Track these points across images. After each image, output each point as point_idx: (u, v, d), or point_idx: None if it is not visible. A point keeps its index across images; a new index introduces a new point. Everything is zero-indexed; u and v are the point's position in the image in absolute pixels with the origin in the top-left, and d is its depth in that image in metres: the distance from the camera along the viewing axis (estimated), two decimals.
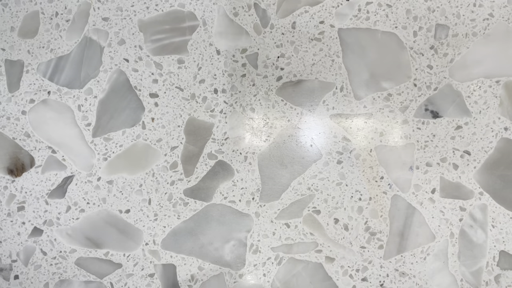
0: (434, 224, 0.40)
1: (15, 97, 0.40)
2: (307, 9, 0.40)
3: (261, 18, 0.40)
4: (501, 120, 0.40)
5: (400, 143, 0.40)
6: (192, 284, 0.40)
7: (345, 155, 0.40)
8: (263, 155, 0.40)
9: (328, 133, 0.40)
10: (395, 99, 0.40)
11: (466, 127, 0.40)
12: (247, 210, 0.40)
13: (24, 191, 0.40)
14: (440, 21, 0.40)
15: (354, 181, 0.40)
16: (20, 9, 0.40)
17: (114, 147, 0.40)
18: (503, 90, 0.40)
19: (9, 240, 0.40)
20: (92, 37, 0.40)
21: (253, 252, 0.40)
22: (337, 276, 0.40)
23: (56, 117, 0.40)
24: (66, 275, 0.40)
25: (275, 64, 0.40)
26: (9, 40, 0.40)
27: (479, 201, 0.40)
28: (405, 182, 0.40)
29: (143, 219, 0.40)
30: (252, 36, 0.40)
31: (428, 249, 0.39)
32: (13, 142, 0.40)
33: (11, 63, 0.40)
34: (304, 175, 0.40)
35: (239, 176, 0.40)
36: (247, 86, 0.40)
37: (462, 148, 0.40)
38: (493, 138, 0.40)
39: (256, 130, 0.40)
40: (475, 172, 0.40)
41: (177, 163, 0.40)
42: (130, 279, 0.40)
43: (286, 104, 0.40)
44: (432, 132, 0.40)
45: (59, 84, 0.40)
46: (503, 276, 0.39)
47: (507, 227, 0.39)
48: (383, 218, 0.40)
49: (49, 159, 0.40)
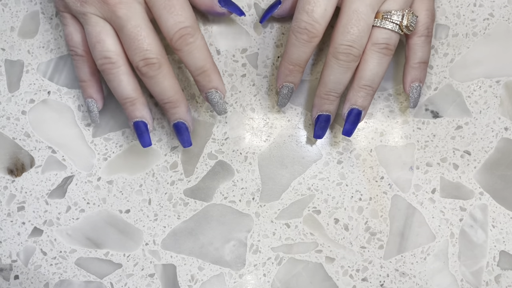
0: (434, 224, 0.40)
1: (15, 97, 0.40)
2: None
3: (261, 18, 0.40)
4: (501, 120, 0.40)
5: (400, 143, 0.40)
6: (192, 284, 0.40)
7: (345, 155, 0.40)
8: (263, 155, 0.40)
9: (328, 133, 0.40)
10: (395, 99, 0.40)
11: (466, 127, 0.40)
12: (247, 210, 0.40)
13: (24, 191, 0.40)
14: (440, 21, 0.40)
15: (354, 181, 0.40)
16: (20, 9, 0.40)
17: (114, 147, 0.40)
18: (503, 90, 0.40)
19: (9, 240, 0.40)
20: None
21: (253, 252, 0.40)
22: (337, 276, 0.40)
23: (56, 117, 0.40)
24: (66, 275, 0.40)
25: (275, 64, 0.40)
26: (9, 40, 0.40)
27: (479, 201, 0.40)
28: (405, 182, 0.40)
29: (143, 219, 0.40)
30: (252, 36, 0.40)
31: (429, 249, 0.39)
32: (13, 142, 0.40)
33: (11, 63, 0.40)
34: (304, 175, 0.40)
35: (239, 176, 0.40)
36: (247, 86, 0.40)
37: (462, 148, 0.40)
38: (494, 138, 0.40)
39: (256, 130, 0.40)
40: (475, 172, 0.40)
41: (177, 163, 0.40)
42: (130, 279, 0.40)
43: None
44: (432, 132, 0.40)
45: (59, 84, 0.40)
46: (503, 276, 0.39)
47: (507, 227, 0.39)
48: (383, 218, 0.40)
49: (49, 159, 0.40)
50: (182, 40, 0.32)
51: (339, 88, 0.35)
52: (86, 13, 0.32)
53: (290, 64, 0.35)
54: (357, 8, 0.32)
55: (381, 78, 0.35)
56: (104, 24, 0.33)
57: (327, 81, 0.35)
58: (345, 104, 0.36)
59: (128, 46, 0.32)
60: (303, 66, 0.35)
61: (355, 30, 0.32)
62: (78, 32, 0.35)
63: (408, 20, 0.33)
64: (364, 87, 0.35)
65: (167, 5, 0.31)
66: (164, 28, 0.32)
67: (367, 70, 0.34)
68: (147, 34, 0.32)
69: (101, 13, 0.32)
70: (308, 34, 0.33)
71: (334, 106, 0.36)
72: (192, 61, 0.33)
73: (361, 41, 0.33)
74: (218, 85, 0.35)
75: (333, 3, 0.33)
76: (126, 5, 0.31)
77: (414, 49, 0.35)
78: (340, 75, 0.34)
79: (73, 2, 0.33)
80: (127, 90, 0.34)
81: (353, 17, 0.32)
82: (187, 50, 0.33)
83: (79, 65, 0.36)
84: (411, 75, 0.36)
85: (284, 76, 0.36)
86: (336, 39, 0.33)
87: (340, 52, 0.33)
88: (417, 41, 0.35)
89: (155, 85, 0.33)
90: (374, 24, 0.33)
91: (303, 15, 0.32)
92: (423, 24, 0.35)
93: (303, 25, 0.33)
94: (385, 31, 0.33)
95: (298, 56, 0.34)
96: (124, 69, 0.33)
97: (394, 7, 0.33)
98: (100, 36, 0.32)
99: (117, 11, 0.31)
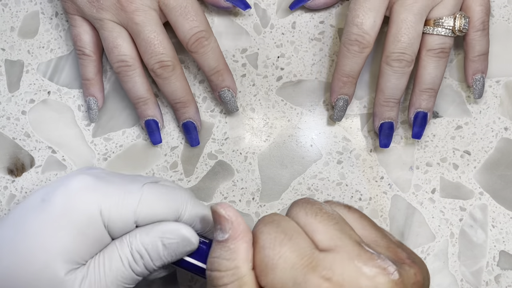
0: (434, 224, 0.40)
1: (15, 97, 0.40)
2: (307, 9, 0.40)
3: (261, 18, 0.40)
4: (501, 120, 0.40)
5: (400, 143, 0.40)
6: (192, 284, 0.40)
7: (345, 155, 0.40)
8: (263, 155, 0.40)
9: (328, 133, 0.40)
10: None
11: (466, 127, 0.40)
12: (247, 210, 0.40)
13: (24, 191, 0.40)
14: None
15: (354, 181, 0.40)
16: (20, 9, 0.40)
17: (114, 147, 0.40)
18: (503, 90, 0.40)
19: None
20: None
21: None
22: None
23: (56, 117, 0.40)
24: None
25: (275, 64, 0.40)
26: (9, 40, 0.40)
27: (479, 201, 0.40)
28: (405, 182, 0.40)
29: None
30: (252, 36, 0.40)
31: (428, 249, 0.39)
32: (13, 142, 0.40)
33: (11, 63, 0.40)
34: (304, 175, 0.40)
35: (239, 176, 0.40)
36: (247, 86, 0.40)
37: (462, 148, 0.40)
38: (493, 138, 0.40)
39: (256, 130, 0.40)
40: (475, 172, 0.40)
41: (177, 163, 0.40)
42: None
43: (286, 104, 0.40)
44: (432, 132, 0.40)
45: (59, 84, 0.40)
46: (503, 276, 0.39)
47: (507, 227, 0.39)
48: (383, 218, 0.40)
49: (49, 159, 0.40)
50: (197, 43, 0.35)
51: (396, 94, 0.36)
52: (103, 19, 0.34)
53: (343, 76, 0.36)
54: (406, 18, 0.34)
55: (440, 79, 0.36)
56: (120, 29, 0.35)
57: (383, 88, 0.36)
58: (410, 109, 0.37)
59: (144, 50, 0.34)
60: (356, 77, 0.36)
61: (405, 39, 0.34)
62: (87, 34, 0.37)
63: (460, 23, 0.34)
64: (426, 90, 0.36)
65: (183, 12, 0.34)
66: (180, 32, 0.35)
67: (426, 74, 0.36)
68: (163, 39, 0.34)
69: (117, 19, 0.34)
70: (359, 45, 0.34)
71: (394, 112, 0.37)
72: (206, 62, 0.36)
73: (412, 48, 0.34)
74: (230, 84, 0.37)
75: (381, 14, 0.34)
76: (143, 12, 0.34)
77: (472, 44, 0.36)
78: (396, 81, 0.35)
79: (88, 8, 0.34)
80: (141, 90, 0.36)
81: (402, 26, 0.34)
82: (202, 52, 0.35)
83: (85, 63, 0.37)
84: (472, 68, 0.37)
85: (339, 88, 0.37)
86: (388, 48, 0.35)
87: (393, 60, 0.34)
88: (474, 36, 0.36)
89: (168, 86, 0.36)
90: (427, 31, 0.35)
91: (353, 28, 0.34)
92: (478, 19, 0.35)
93: (354, 37, 0.34)
94: (438, 37, 0.35)
95: (351, 68, 0.35)
96: (139, 72, 0.36)
97: (445, 13, 0.34)
98: (117, 41, 0.35)
99: (134, 18, 0.34)
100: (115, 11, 0.34)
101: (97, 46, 0.37)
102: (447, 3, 0.34)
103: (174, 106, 0.37)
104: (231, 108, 0.38)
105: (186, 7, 0.34)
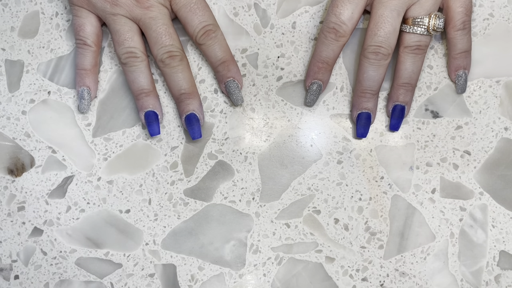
0: (434, 224, 0.40)
1: (15, 97, 0.40)
2: (307, 9, 0.40)
3: (261, 18, 0.40)
4: (501, 120, 0.40)
5: (400, 143, 0.40)
6: (192, 284, 0.40)
7: (345, 155, 0.40)
8: (263, 155, 0.40)
9: (328, 133, 0.40)
10: None
11: (466, 127, 0.40)
12: (247, 210, 0.40)
13: (24, 191, 0.40)
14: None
15: (354, 181, 0.40)
16: (20, 9, 0.40)
17: (114, 147, 0.40)
18: (503, 90, 0.40)
19: (9, 240, 0.40)
20: None
21: (253, 252, 0.40)
22: (337, 276, 0.40)
23: (56, 117, 0.40)
24: (66, 275, 0.40)
25: (275, 64, 0.40)
26: (9, 40, 0.40)
27: (479, 201, 0.40)
28: (405, 182, 0.40)
29: (143, 219, 0.40)
30: (252, 36, 0.40)
31: (428, 249, 0.39)
32: (13, 142, 0.40)
33: (11, 63, 0.40)
34: (304, 175, 0.40)
35: (239, 176, 0.40)
36: (247, 86, 0.40)
37: (462, 148, 0.40)
38: (493, 138, 0.40)
39: (256, 130, 0.40)
40: (475, 172, 0.40)
41: (177, 163, 0.40)
42: (130, 279, 0.40)
43: (286, 104, 0.40)
44: (432, 132, 0.40)
45: (59, 84, 0.40)
46: (503, 276, 0.39)
47: (507, 227, 0.39)
48: (383, 218, 0.40)
49: (49, 159, 0.40)
50: (205, 35, 0.37)
51: (373, 85, 0.38)
52: (116, 14, 0.36)
53: (319, 61, 0.38)
54: (382, 13, 0.36)
55: (417, 74, 0.38)
56: (132, 24, 0.37)
57: (361, 79, 0.38)
58: (389, 103, 0.39)
59: (155, 41, 0.37)
60: (332, 64, 0.38)
61: (381, 33, 0.36)
62: (91, 25, 0.38)
63: (434, 23, 0.36)
64: (403, 85, 0.38)
65: (192, 8, 0.37)
66: (190, 27, 0.37)
67: (403, 69, 0.38)
68: (172, 32, 0.37)
69: (130, 15, 0.36)
70: (336, 33, 0.36)
71: (371, 104, 0.38)
72: (213, 53, 0.38)
73: (388, 41, 0.36)
74: (236, 75, 0.39)
75: (360, 7, 0.36)
76: (157, 7, 0.36)
77: (453, 42, 0.38)
78: (373, 73, 0.37)
79: (101, 3, 0.36)
80: (144, 82, 0.38)
81: (379, 21, 0.36)
82: (210, 44, 0.38)
83: (85, 53, 0.38)
84: (454, 65, 0.39)
85: (314, 73, 0.38)
86: (366, 41, 0.37)
87: (370, 52, 0.36)
88: (455, 35, 0.38)
89: (176, 75, 0.37)
90: (404, 29, 0.37)
91: (331, 17, 0.36)
92: (458, 19, 0.37)
93: (332, 25, 0.36)
94: (414, 35, 0.37)
95: (327, 54, 0.37)
96: (145, 64, 0.38)
97: (421, 13, 0.36)
98: (128, 34, 0.37)
99: (149, 12, 0.36)
100: (129, 7, 0.36)
101: (98, 39, 0.38)
102: (423, 3, 0.36)
103: (178, 98, 0.38)
104: (236, 99, 0.39)
105: (196, 3, 0.37)
